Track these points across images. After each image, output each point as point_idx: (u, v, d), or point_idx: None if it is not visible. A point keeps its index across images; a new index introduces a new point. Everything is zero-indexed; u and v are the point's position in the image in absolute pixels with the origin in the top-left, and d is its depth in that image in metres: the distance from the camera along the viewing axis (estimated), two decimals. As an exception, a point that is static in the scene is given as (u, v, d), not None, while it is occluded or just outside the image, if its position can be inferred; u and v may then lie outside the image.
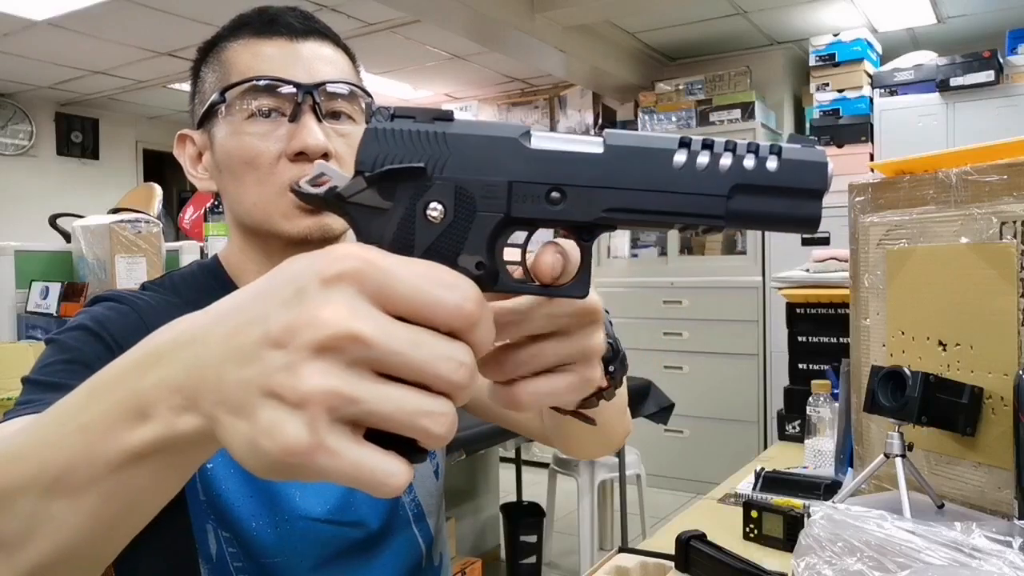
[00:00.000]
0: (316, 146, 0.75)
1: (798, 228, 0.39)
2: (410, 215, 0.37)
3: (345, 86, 0.79)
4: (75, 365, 0.69)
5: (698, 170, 0.37)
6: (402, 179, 0.37)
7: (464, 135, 0.37)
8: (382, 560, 0.82)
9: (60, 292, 2.43)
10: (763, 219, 0.38)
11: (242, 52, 0.78)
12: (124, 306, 0.76)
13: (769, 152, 0.38)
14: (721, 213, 0.38)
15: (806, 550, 0.76)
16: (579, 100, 5.41)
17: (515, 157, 0.37)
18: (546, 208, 0.38)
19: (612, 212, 0.38)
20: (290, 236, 0.77)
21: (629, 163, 0.38)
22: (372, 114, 0.38)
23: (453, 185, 0.37)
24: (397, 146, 0.37)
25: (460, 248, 0.37)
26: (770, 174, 0.38)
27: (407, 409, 0.31)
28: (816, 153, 0.38)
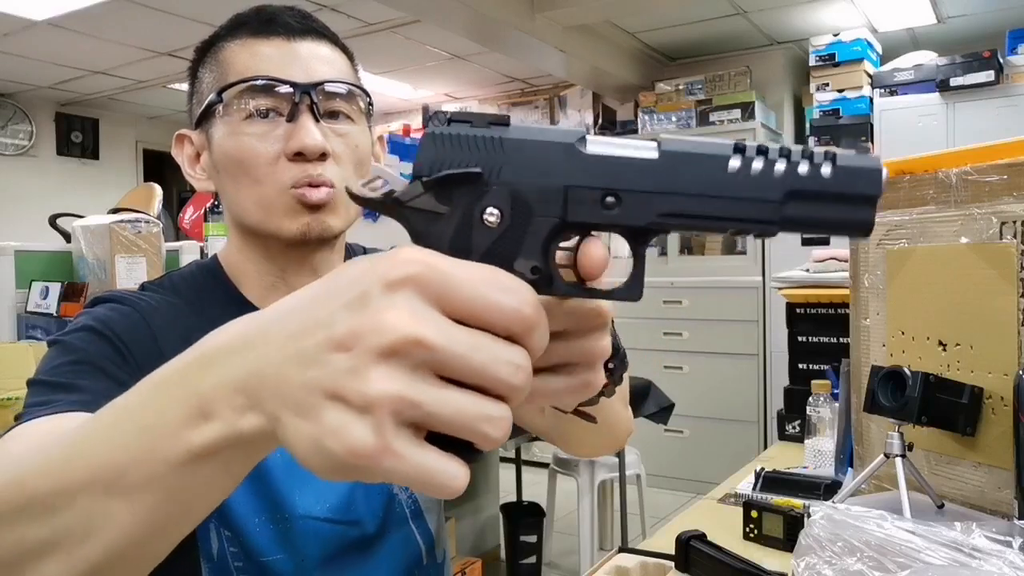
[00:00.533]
0: (314, 146, 0.75)
1: (851, 233, 0.39)
2: (468, 220, 0.37)
3: (343, 86, 0.78)
4: (82, 365, 0.69)
5: (752, 176, 0.38)
6: (459, 184, 0.37)
7: (520, 140, 0.37)
8: (380, 558, 0.83)
9: (60, 292, 2.43)
10: (816, 224, 0.39)
11: (239, 52, 0.78)
12: (125, 306, 0.76)
13: (824, 158, 0.38)
14: (775, 219, 0.38)
15: (806, 550, 0.76)
16: (579, 100, 5.42)
17: (571, 162, 0.38)
18: (601, 213, 0.38)
19: (666, 217, 0.38)
20: (290, 235, 0.77)
21: (684, 169, 0.38)
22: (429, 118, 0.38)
23: (510, 190, 0.37)
24: (454, 150, 0.37)
25: (517, 253, 0.37)
26: (824, 180, 0.38)
27: (468, 413, 0.32)
28: (871, 160, 0.38)
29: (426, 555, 0.88)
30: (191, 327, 0.77)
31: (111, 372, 0.69)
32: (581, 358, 0.43)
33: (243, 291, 0.83)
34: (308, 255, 0.81)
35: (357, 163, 0.80)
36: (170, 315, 0.78)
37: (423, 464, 0.32)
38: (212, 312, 0.80)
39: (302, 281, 0.82)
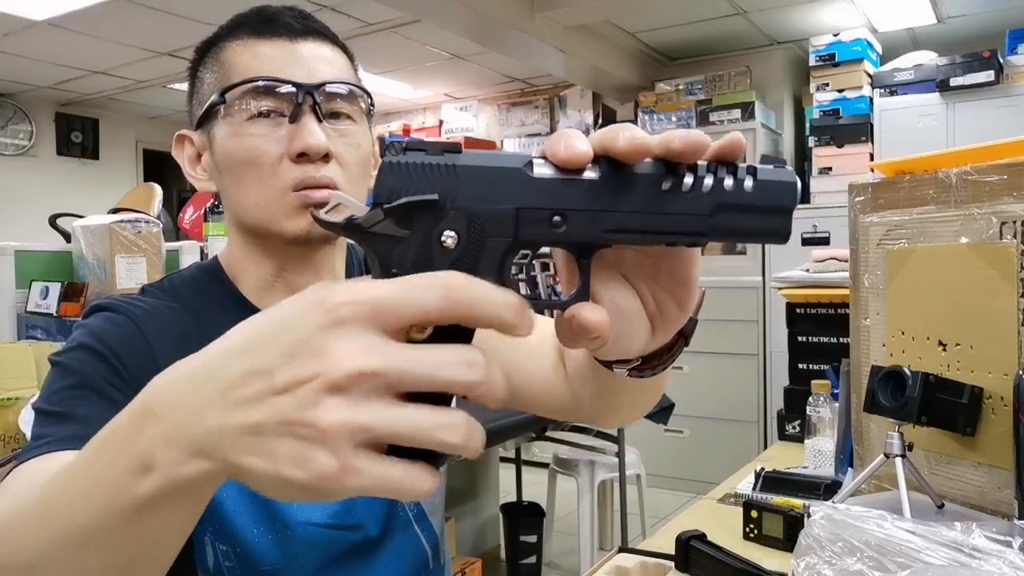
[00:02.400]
0: (318, 146, 0.75)
1: (771, 240, 0.43)
2: (427, 243, 0.40)
3: (345, 86, 0.78)
4: (80, 390, 0.69)
5: (684, 191, 0.41)
6: (418, 210, 0.39)
7: (472, 166, 0.40)
8: (383, 563, 0.82)
9: (60, 292, 2.43)
10: (740, 233, 0.43)
11: (241, 52, 0.78)
12: (120, 316, 0.76)
13: (746, 173, 0.42)
14: (704, 230, 0.42)
15: (806, 550, 0.76)
16: (579, 100, 5.41)
17: (520, 186, 0.40)
18: (550, 231, 0.41)
19: (610, 233, 0.41)
20: (293, 235, 0.77)
21: (623, 188, 0.41)
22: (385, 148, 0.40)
23: (465, 214, 0.40)
24: (411, 178, 0.39)
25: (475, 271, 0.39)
26: (747, 193, 0.42)
27: (421, 427, 0.34)
28: (786, 173, 0.42)
29: (432, 558, 0.88)
30: (188, 331, 0.77)
31: (107, 393, 0.70)
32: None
33: (242, 290, 0.83)
34: (309, 253, 0.81)
35: (359, 163, 0.80)
36: (167, 320, 0.77)
37: (384, 475, 0.34)
38: (211, 314, 0.80)
39: (302, 280, 0.82)
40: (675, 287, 0.49)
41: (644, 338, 0.50)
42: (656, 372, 0.54)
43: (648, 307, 0.49)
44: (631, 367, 0.53)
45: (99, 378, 0.70)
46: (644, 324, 0.50)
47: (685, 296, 0.50)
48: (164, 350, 0.75)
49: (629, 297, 0.48)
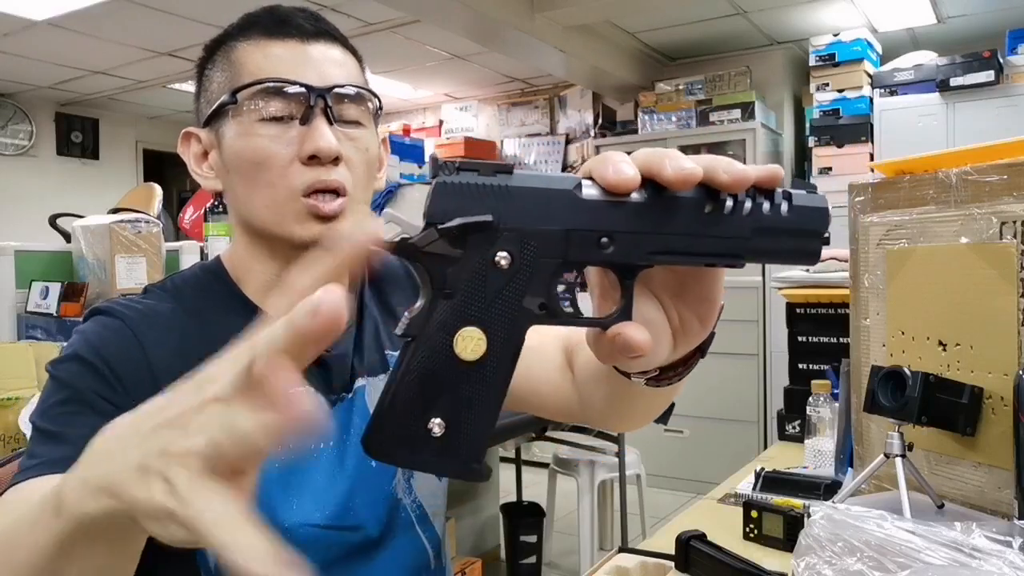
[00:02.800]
0: (329, 149, 0.75)
1: (802, 262, 0.46)
2: (482, 263, 0.40)
3: (355, 89, 0.78)
4: (72, 405, 0.70)
5: (724, 215, 0.43)
6: (472, 231, 0.40)
7: (524, 188, 0.41)
8: (384, 563, 0.82)
9: (60, 292, 2.42)
10: (775, 255, 0.45)
11: (252, 52, 0.78)
12: (117, 321, 0.76)
13: (781, 198, 0.44)
14: (743, 251, 0.44)
15: (806, 550, 0.76)
16: (579, 100, 5.41)
17: (569, 206, 0.41)
18: (597, 252, 0.42)
19: (654, 255, 0.43)
20: (301, 240, 0.77)
21: (668, 210, 0.42)
22: (439, 168, 0.41)
23: (519, 235, 0.41)
24: (464, 198, 0.40)
25: (525, 291, 0.41)
26: (783, 218, 0.44)
27: None
28: (819, 199, 0.45)
29: (433, 559, 0.88)
30: (189, 333, 0.77)
31: (100, 408, 0.70)
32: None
33: (245, 291, 0.82)
34: None
35: (367, 166, 0.80)
36: (167, 322, 0.77)
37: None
38: (214, 314, 0.80)
39: None
40: (699, 304, 0.50)
41: (667, 351, 0.51)
42: (673, 383, 0.55)
43: (672, 322, 0.50)
44: (649, 376, 0.54)
45: (91, 392, 0.70)
46: (668, 338, 0.51)
47: (707, 313, 0.51)
48: (161, 354, 0.75)
49: (656, 312, 0.50)
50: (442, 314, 0.40)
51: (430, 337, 0.40)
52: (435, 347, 0.39)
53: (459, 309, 0.40)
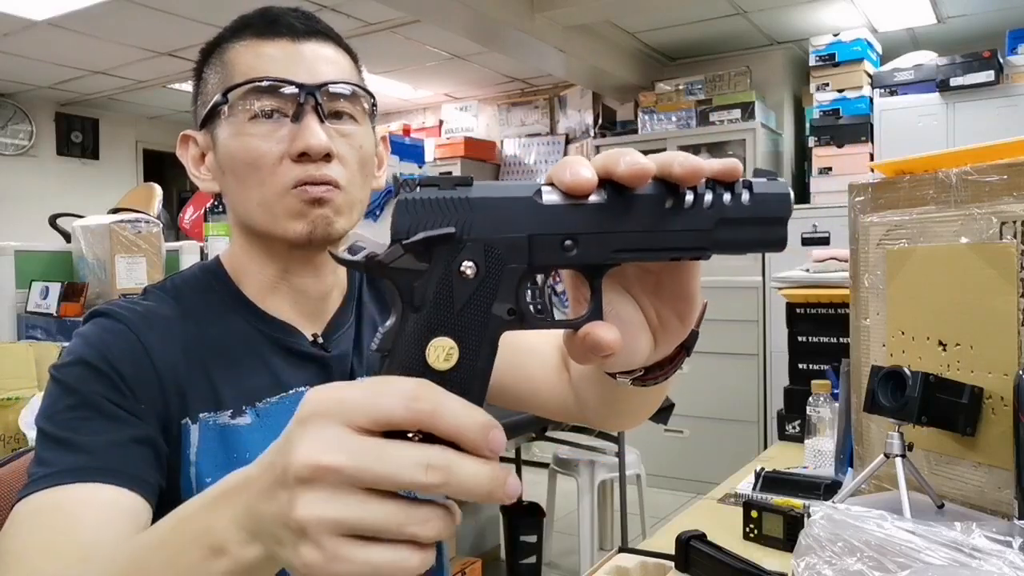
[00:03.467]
0: (319, 146, 0.75)
1: (769, 249, 0.45)
2: (447, 274, 0.41)
3: (347, 86, 0.79)
4: (81, 411, 0.69)
5: (685, 209, 0.43)
6: (435, 244, 0.41)
7: (485, 198, 0.42)
8: None
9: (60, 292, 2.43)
10: (741, 245, 0.45)
11: (244, 53, 0.78)
12: (119, 324, 0.75)
13: (742, 187, 0.44)
14: (707, 245, 0.44)
15: (806, 550, 0.76)
16: (579, 100, 5.41)
17: (531, 213, 0.42)
18: (562, 255, 0.43)
19: (618, 252, 0.43)
20: (294, 237, 0.77)
21: (629, 209, 0.43)
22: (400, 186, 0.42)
23: (482, 244, 0.41)
24: (427, 213, 0.41)
25: (493, 298, 0.42)
26: (745, 207, 0.44)
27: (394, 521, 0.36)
28: (780, 186, 0.45)
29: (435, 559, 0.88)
30: (190, 335, 0.77)
31: (110, 413, 0.70)
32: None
33: (245, 291, 0.82)
34: (311, 255, 0.81)
35: (361, 163, 0.80)
36: (166, 325, 0.77)
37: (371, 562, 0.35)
38: (214, 315, 0.80)
39: (305, 281, 0.83)
40: (677, 301, 0.50)
41: (647, 350, 0.51)
42: (659, 382, 0.56)
43: (651, 320, 0.50)
44: (634, 376, 0.54)
45: (99, 396, 0.70)
46: (647, 337, 0.51)
47: (686, 309, 0.51)
48: (164, 355, 0.75)
49: (632, 311, 0.50)
50: (412, 327, 0.41)
51: (402, 350, 0.41)
52: (408, 360, 0.40)
53: (428, 320, 0.41)
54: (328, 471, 0.35)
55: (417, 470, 0.35)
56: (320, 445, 0.35)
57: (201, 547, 0.41)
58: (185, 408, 0.75)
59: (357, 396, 0.36)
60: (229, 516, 0.40)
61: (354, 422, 0.36)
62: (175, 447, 0.74)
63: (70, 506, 0.63)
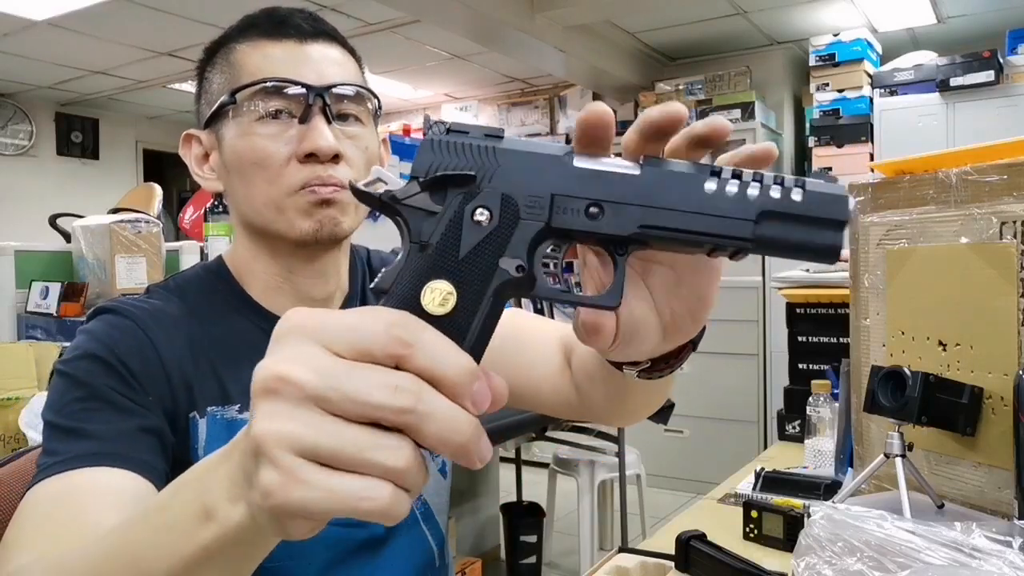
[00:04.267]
0: (327, 148, 0.75)
1: (820, 257, 0.41)
2: (458, 218, 0.39)
3: (353, 88, 0.79)
4: (90, 402, 0.69)
5: (727, 195, 0.40)
6: (453, 185, 0.39)
7: (513, 151, 0.40)
8: (389, 560, 0.82)
9: (60, 292, 2.42)
10: (788, 246, 0.41)
11: (251, 53, 0.78)
12: (127, 321, 0.75)
13: (795, 184, 0.40)
14: (749, 236, 0.40)
15: (806, 550, 0.76)
16: (579, 100, 5.41)
17: (558, 172, 0.40)
18: (585, 221, 0.40)
19: (646, 229, 0.40)
20: (300, 236, 0.77)
21: (664, 184, 0.40)
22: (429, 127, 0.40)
23: (500, 192, 0.40)
24: (450, 157, 0.40)
25: (502, 251, 0.40)
26: (795, 203, 0.40)
27: (357, 443, 0.33)
28: (838, 187, 0.41)
29: (438, 557, 0.89)
30: (195, 334, 0.78)
31: (118, 403, 0.70)
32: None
33: (249, 291, 0.83)
34: (316, 255, 0.81)
35: (367, 165, 0.80)
36: (171, 323, 0.77)
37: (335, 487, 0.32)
38: (219, 315, 0.80)
39: (309, 282, 0.83)
40: (692, 301, 0.50)
41: (655, 344, 0.51)
42: (664, 375, 0.56)
43: (663, 316, 0.50)
44: (640, 368, 0.55)
45: (108, 388, 0.70)
46: (657, 332, 0.51)
47: (701, 311, 0.51)
48: (171, 353, 0.75)
49: (646, 304, 0.49)
50: (413, 265, 0.39)
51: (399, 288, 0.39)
52: (402, 297, 0.38)
53: (431, 261, 0.39)
54: (290, 384, 0.33)
55: (385, 391, 0.33)
56: (287, 358, 0.33)
57: (194, 510, 0.39)
58: (192, 402, 0.75)
59: (338, 319, 0.34)
60: (224, 472, 0.38)
61: (331, 344, 0.34)
62: (183, 441, 0.74)
63: (77, 491, 0.63)
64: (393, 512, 0.33)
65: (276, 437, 0.33)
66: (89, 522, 0.59)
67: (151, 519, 0.43)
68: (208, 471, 0.40)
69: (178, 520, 0.40)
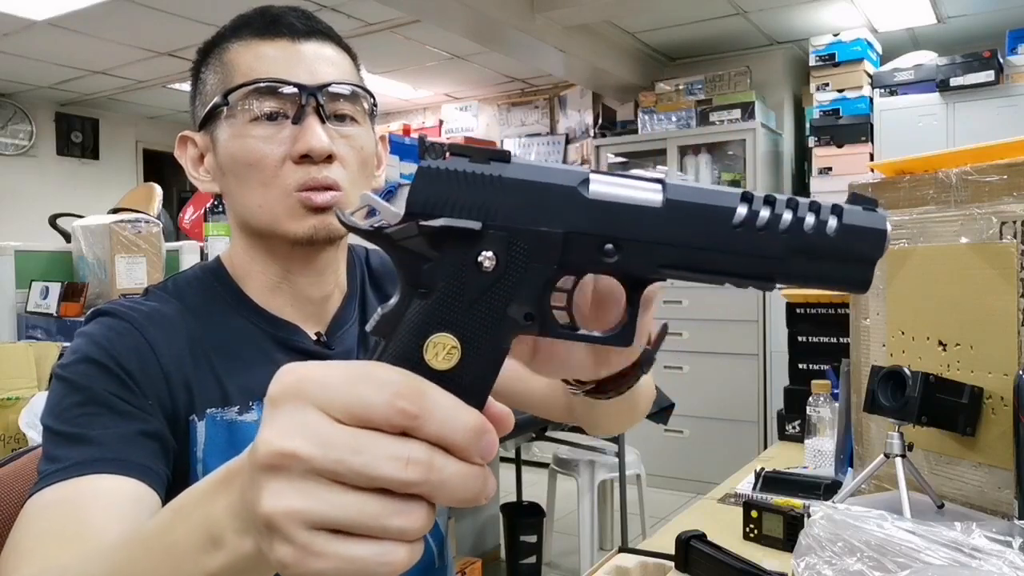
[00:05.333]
0: (321, 148, 0.75)
1: (847, 289, 0.38)
2: (462, 263, 0.36)
3: (348, 87, 0.78)
4: (89, 407, 0.69)
5: (758, 229, 0.36)
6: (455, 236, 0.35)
7: (521, 180, 0.36)
8: None
9: (60, 292, 2.42)
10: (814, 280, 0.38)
11: (244, 53, 0.78)
12: (125, 323, 0.75)
13: (830, 213, 0.37)
14: (775, 275, 0.37)
15: (806, 550, 0.76)
16: (579, 100, 5.41)
17: (572, 206, 0.36)
18: (599, 260, 0.37)
19: (666, 268, 0.37)
20: (295, 237, 0.77)
21: (689, 220, 0.36)
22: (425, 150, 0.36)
23: (508, 235, 0.36)
24: (450, 187, 0.35)
25: (511, 299, 0.36)
26: (828, 238, 0.36)
27: (369, 513, 0.32)
28: (877, 219, 0.37)
29: (438, 557, 0.89)
30: (194, 334, 0.77)
31: (117, 407, 0.70)
32: None
33: (247, 292, 0.83)
34: (313, 255, 0.81)
35: (362, 165, 0.80)
36: (170, 324, 0.77)
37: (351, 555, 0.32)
38: (218, 315, 0.80)
39: (306, 281, 0.83)
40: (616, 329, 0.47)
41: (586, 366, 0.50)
42: (611, 397, 0.54)
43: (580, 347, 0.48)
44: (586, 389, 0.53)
45: (107, 393, 0.70)
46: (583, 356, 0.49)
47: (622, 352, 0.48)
48: (169, 355, 0.75)
49: None
50: (414, 315, 0.36)
51: (399, 339, 0.36)
52: (403, 352, 0.35)
53: (433, 312, 0.35)
54: (294, 459, 0.32)
55: (395, 464, 0.32)
56: (288, 430, 0.32)
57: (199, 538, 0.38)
58: (192, 405, 0.75)
59: (337, 381, 0.33)
60: (225, 503, 0.37)
61: (331, 411, 0.32)
62: (183, 445, 0.74)
63: (79, 497, 0.63)
64: (411, 564, 0.33)
65: (287, 514, 0.32)
66: (92, 532, 0.59)
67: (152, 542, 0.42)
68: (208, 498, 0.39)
69: (182, 546, 0.39)
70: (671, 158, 4.47)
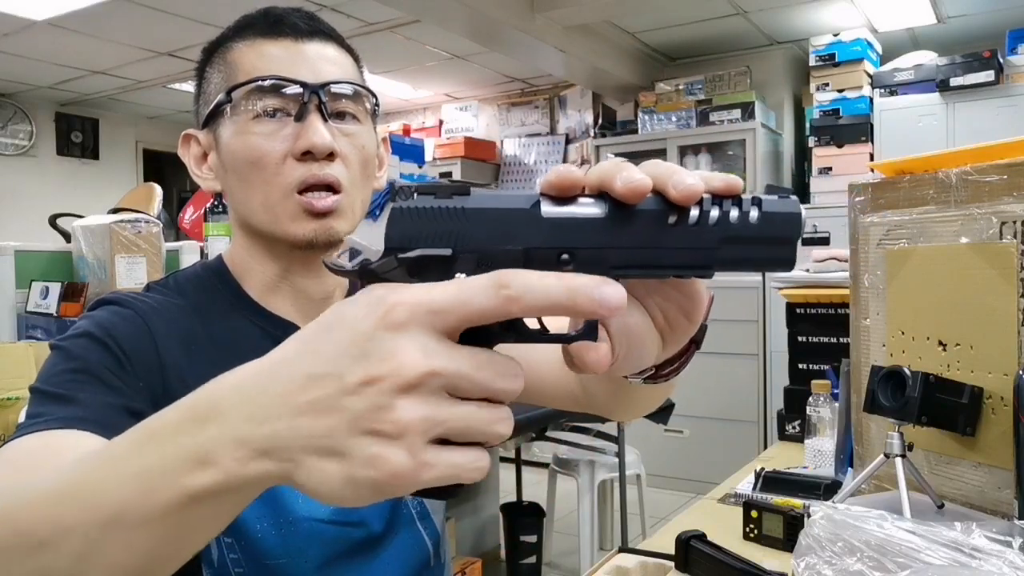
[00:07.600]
0: (322, 145, 0.75)
1: (775, 269, 0.44)
2: None
3: (350, 86, 0.79)
4: (81, 375, 0.69)
5: (690, 226, 0.42)
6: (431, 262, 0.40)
7: (481, 208, 0.41)
8: (386, 559, 0.83)
9: (60, 292, 2.43)
10: (746, 264, 0.43)
11: (247, 52, 0.78)
12: (128, 310, 0.76)
13: (751, 204, 0.42)
14: (711, 263, 0.42)
15: (806, 550, 0.76)
16: (579, 100, 5.41)
17: (528, 226, 0.41)
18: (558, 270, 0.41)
19: (617, 269, 0.42)
20: (295, 240, 0.77)
21: (629, 224, 0.42)
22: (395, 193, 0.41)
23: (476, 257, 0.41)
24: (422, 222, 0.41)
25: None
26: (752, 225, 0.42)
27: (482, 420, 0.37)
28: (791, 204, 0.43)
29: (433, 556, 0.89)
30: (194, 330, 0.78)
31: (109, 381, 0.69)
32: None
33: (247, 290, 0.83)
34: (314, 256, 0.81)
35: (363, 163, 0.80)
36: (171, 317, 0.78)
37: (453, 463, 0.36)
38: (217, 313, 0.80)
39: (306, 282, 0.83)
40: (684, 300, 0.49)
41: (655, 351, 0.51)
42: (670, 378, 0.55)
43: (658, 321, 0.50)
44: (646, 376, 0.54)
45: (101, 366, 0.70)
46: (655, 339, 0.50)
47: (693, 308, 0.50)
48: (169, 346, 0.75)
49: (638, 315, 0.49)
50: None
51: None
52: None
53: None
54: (436, 377, 0.35)
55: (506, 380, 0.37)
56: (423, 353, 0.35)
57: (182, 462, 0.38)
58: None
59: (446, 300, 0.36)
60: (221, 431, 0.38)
61: (446, 327, 0.36)
62: None
63: (56, 445, 0.61)
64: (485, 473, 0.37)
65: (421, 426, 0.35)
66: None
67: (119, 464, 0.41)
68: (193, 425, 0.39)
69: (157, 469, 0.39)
70: (671, 158, 4.47)
